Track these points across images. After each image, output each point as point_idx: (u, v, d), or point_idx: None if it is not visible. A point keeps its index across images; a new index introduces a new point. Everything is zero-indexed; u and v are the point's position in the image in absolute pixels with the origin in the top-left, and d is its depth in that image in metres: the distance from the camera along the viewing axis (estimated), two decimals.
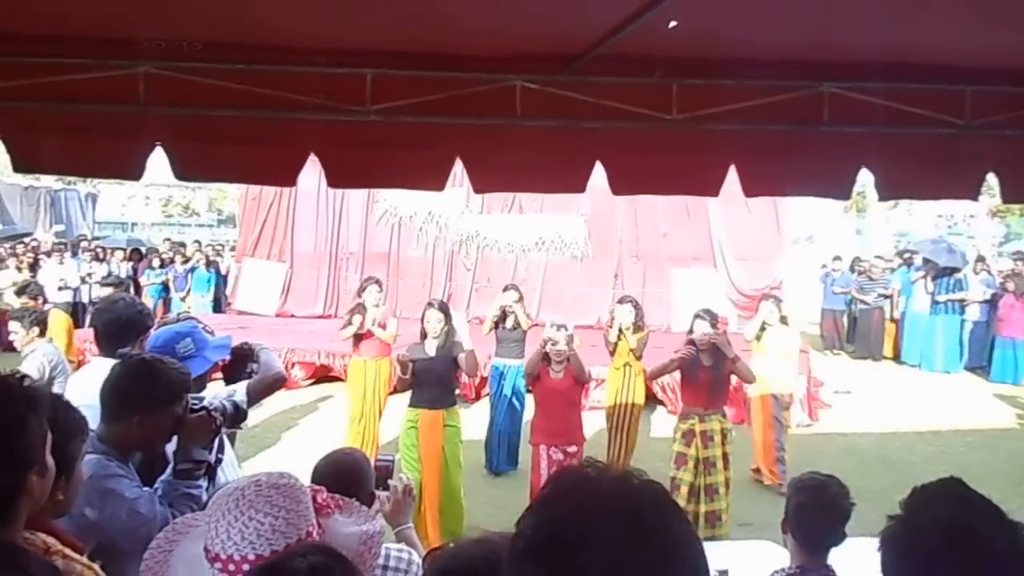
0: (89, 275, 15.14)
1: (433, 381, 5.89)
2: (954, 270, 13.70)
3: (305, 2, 2.98)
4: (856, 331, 14.38)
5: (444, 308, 6.11)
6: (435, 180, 3.74)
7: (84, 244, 18.15)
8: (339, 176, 3.86)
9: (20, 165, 3.83)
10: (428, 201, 14.24)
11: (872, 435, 9.25)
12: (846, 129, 3.65)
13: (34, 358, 5.45)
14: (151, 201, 44.09)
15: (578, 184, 3.67)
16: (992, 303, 13.36)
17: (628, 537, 0.89)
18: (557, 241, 14.07)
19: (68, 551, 1.79)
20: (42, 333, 5.81)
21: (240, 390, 3.13)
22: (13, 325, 5.85)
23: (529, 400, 7.03)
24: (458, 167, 3.80)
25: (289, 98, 3.50)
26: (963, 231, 29.76)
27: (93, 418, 3.14)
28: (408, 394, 6.02)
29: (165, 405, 2.50)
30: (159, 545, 1.68)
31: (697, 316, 6.08)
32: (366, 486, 2.55)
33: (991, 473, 7.54)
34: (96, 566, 1.83)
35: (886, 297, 14.41)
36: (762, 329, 7.21)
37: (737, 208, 13.02)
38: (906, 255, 15.26)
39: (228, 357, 3.42)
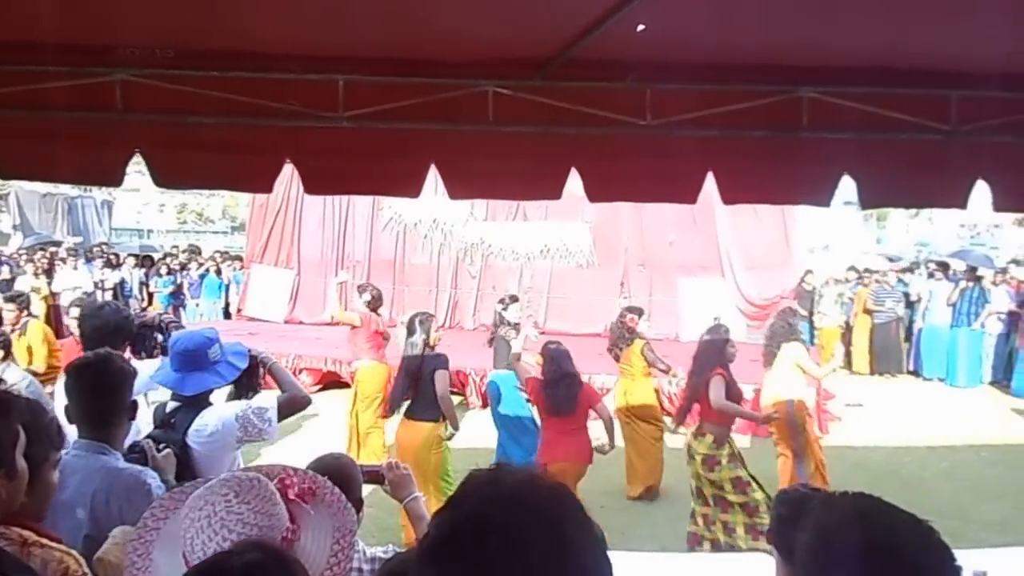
0: (102, 281, 15.36)
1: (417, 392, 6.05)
2: (978, 278, 13.53)
3: (278, 9, 3.01)
4: (872, 344, 14.15)
5: (416, 319, 6.18)
6: (410, 187, 3.75)
7: (97, 251, 18.43)
8: (315, 183, 3.88)
9: (3, 172, 3.90)
10: (433, 208, 14.33)
11: (884, 449, 9.17)
12: (826, 135, 3.62)
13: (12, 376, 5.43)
14: (166, 208, 44.66)
15: (554, 191, 3.67)
16: (1012, 316, 13.18)
17: (523, 537, 0.91)
18: (562, 249, 14.10)
19: (46, 541, 1.83)
20: (5, 357, 5.74)
21: (272, 407, 3.22)
22: None
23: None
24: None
25: (264, 105, 3.52)
26: (986, 241, 29.40)
27: None
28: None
29: (113, 390, 2.68)
30: (136, 545, 1.69)
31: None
32: (354, 491, 2.58)
33: (1005, 489, 7.46)
34: (75, 553, 1.86)
35: (907, 306, 14.17)
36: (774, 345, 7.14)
37: (745, 216, 13.00)
38: (930, 266, 15.03)
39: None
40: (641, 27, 3.02)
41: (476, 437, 7.24)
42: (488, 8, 3.00)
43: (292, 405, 3.39)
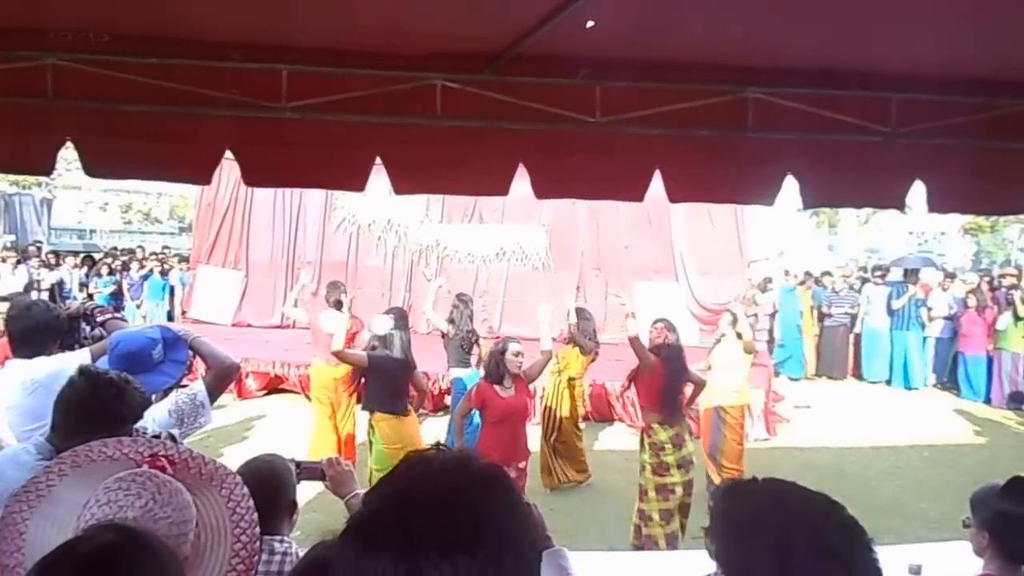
0: (38, 282, 14.90)
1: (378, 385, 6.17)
2: (917, 282, 13.92)
3: None
4: (819, 348, 14.45)
5: (391, 313, 6.30)
6: (355, 180, 3.71)
7: (32, 250, 17.89)
8: (255, 175, 3.81)
9: None
10: (387, 209, 14.22)
11: (830, 450, 9.36)
12: (771, 135, 3.67)
13: None
14: (110, 207, 43.59)
15: (501, 186, 3.66)
16: (954, 319, 13.56)
17: (444, 513, 0.92)
18: (518, 252, 14.10)
19: None
20: None
21: (200, 389, 3.14)
22: None
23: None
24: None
25: (203, 94, 3.44)
26: (933, 248, 30.20)
27: (12, 421, 3.14)
28: None
29: (126, 425, 2.52)
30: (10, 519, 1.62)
31: None
32: (287, 494, 2.54)
33: (944, 487, 7.64)
34: None
35: (851, 315, 14.48)
36: (717, 342, 7.32)
37: (700, 221, 13.17)
38: (877, 272, 15.38)
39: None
40: (591, 23, 3.03)
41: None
42: (438, 1, 2.98)
43: (221, 379, 3.29)
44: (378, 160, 3.64)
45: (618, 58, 3.48)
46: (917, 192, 3.94)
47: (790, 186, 3.83)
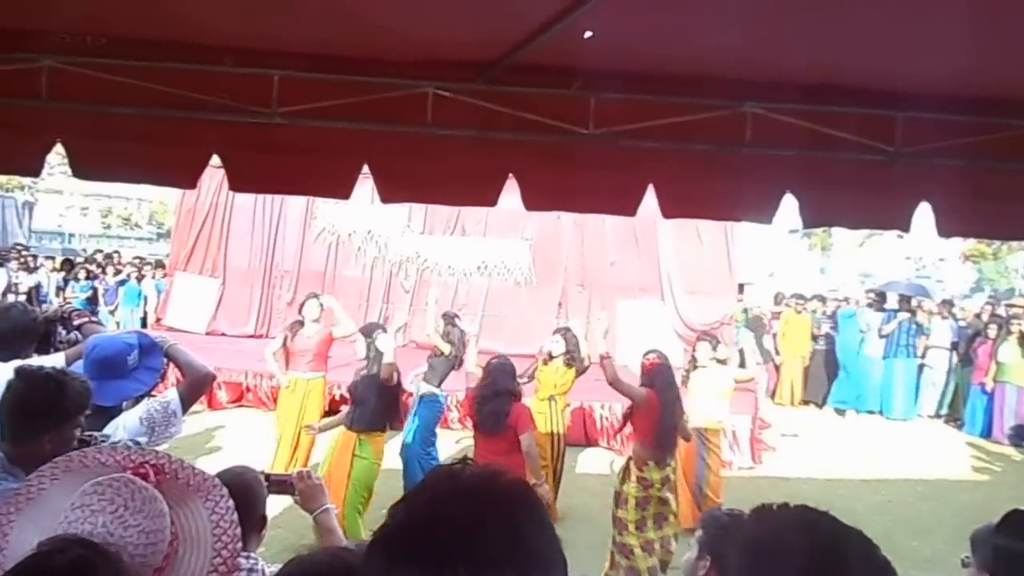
0: (16, 285, 14.81)
1: (356, 402, 6.08)
2: (912, 309, 13.97)
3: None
4: (806, 373, 14.47)
5: (368, 331, 6.23)
6: (341, 188, 3.74)
7: (13, 253, 17.78)
8: (242, 180, 3.86)
9: None
10: (368, 219, 14.21)
11: (817, 481, 9.33)
12: (769, 152, 3.72)
13: None
14: (90, 212, 43.68)
15: (490, 197, 3.69)
16: (956, 349, 13.58)
17: (473, 529, 0.93)
18: (500, 266, 14.10)
19: None
20: None
21: (173, 398, 3.13)
22: None
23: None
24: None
25: (193, 97, 3.50)
26: (932, 274, 30.48)
27: None
28: None
29: (73, 418, 2.57)
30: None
31: None
32: (257, 507, 2.54)
33: (938, 524, 7.67)
34: None
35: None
36: (693, 369, 7.33)
37: (688, 239, 13.23)
38: (871, 295, 15.47)
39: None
40: (588, 34, 3.08)
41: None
42: (431, 8, 3.02)
43: (195, 388, 3.31)
44: (363, 169, 3.66)
45: (614, 70, 3.53)
46: (920, 215, 3.96)
47: (788, 204, 3.86)
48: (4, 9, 3.14)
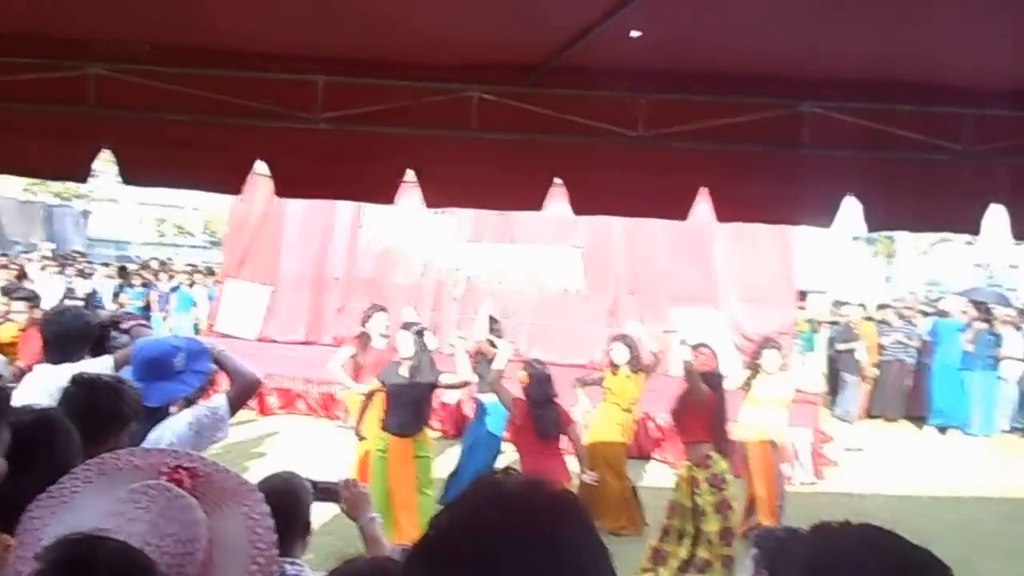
0: (72, 290, 15.32)
1: (404, 405, 6.04)
2: (989, 319, 13.54)
3: (258, 6, 3.04)
4: (877, 386, 14.10)
5: (418, 332, 6.23)
6: (385, 193, 3.77)
7: (70, 260, 18.43)
8: (287, 185, 3.92)
9: None
10: (416, 227, 14.30)
11: (882, 498, 9.02)
12: (828, 153, 3.63)
13: None
14: (145, 220, 45.14)
15: (535, 202, 3.67)
16: None
17: (517, 540, 0.92)
18: (550, 274, 14.05)
19: None
20: None
21: (222, 404, 3.20)
22: None
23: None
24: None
25: (238, 103, 3.57)
26: (1003, 282, 29.52)
27: None
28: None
29: (129, 424, 2.65)
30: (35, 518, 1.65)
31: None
32: (302, 515, 2.56)
33: (1018, 546, 7.36)
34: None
35: (909, 348, 14.16)
36: (753, 377, 7.19)
37: (744, 245, 12.99)
38: (938, 301, 15.05)
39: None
40: (635, 33, 3.04)
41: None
42: (476, 11, 3.03)
43: (243, 394, 3.37)
44: (410, 177, 3.67)
45: (663, 70, 3.49)
46: (991, 218, 3.82)
47: (848, 208, 3.76)
48: (54, 18, 3.23)
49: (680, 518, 5.75)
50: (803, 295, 15.14)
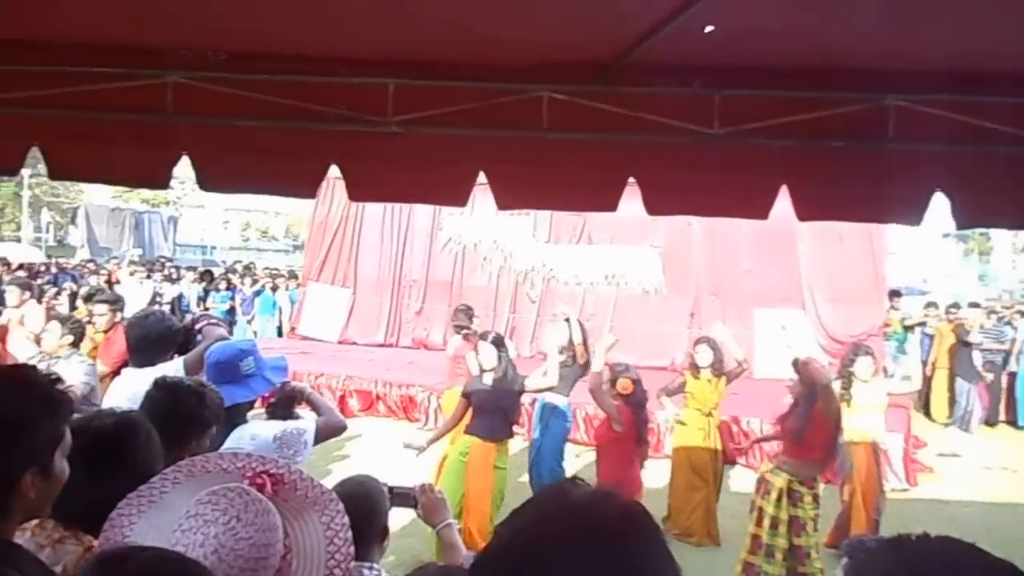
0: (160, 295, 15.94)
1: (492, 411, 6.08)
2: None
3: (329, 13, 3.07)
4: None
5: (497, 340, 6.29)
6: (457, 195, 3.77)
7: (157, 264, 19.19)
8: (360, 189, 3.93)
9: (54, 173, 4.12)
10: (493, 229, 14.38)
11: (979, 505, 8.75)
12: (915, 147, 3.47)
13: (74, 368, 5.64)
14: (230, 225, 46.70)
15: (609, 202, 3.61)
16: None
17: (581, 550, 0.91)
18: (628, 275, 13.93)
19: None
20: (75, 344, 6.00)
21: (310, 429, 3.29)
22: (52, 324, 6.11)
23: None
24: None
25: (311, 108, 3.60)
26: None
27: None
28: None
29: (210, 428, 2.73)
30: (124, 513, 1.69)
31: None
32: (379, 519, 2.57)
33: None
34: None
35: (1000, 350, 13.53)
36: (847, 386, 6.97)
37: (830, 244, 12.64)
38: None
39: (275, 391, 3.65)
40: (710, 28, 2.96)
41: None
42: (546, 10, 2.99)
43: (329, 430, 3.47)
44: (485, 179, 3.66)
45: (739, 65, 3.38)
46: None
47: (938, 205, 3.59)
48: (133, 28, 3.31)
49: (771, 532, 5.54)
50: (896, 295, 14.61)
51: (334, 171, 3.79)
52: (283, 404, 3.70)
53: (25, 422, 1.65)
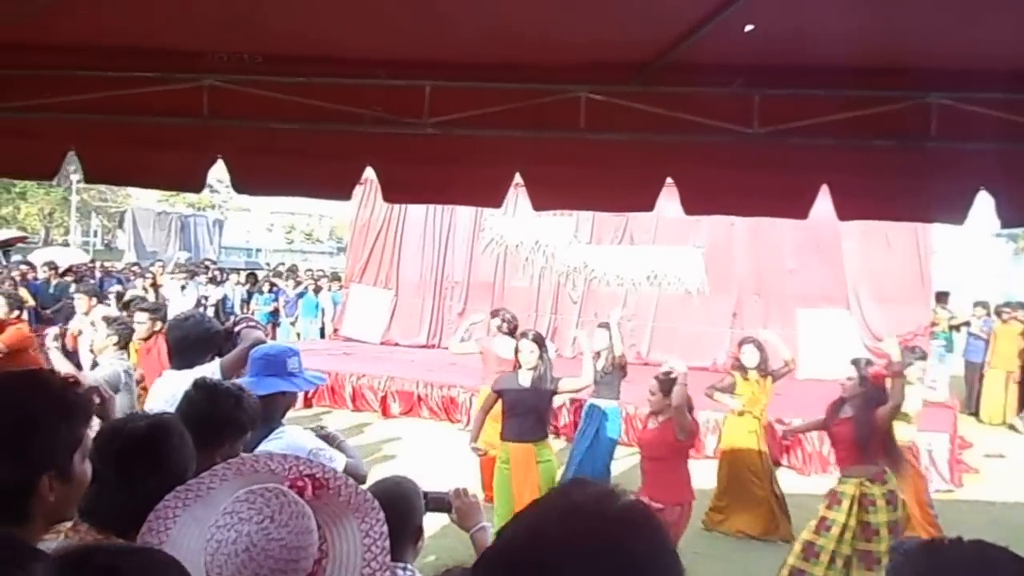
0: (205, 297, 16.21)
1: (525, 413, 6.03)
2: None
3: (364, 14, 3.08)
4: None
5: (538, 339, 6.23)
6: (493, 196, 3.77)
7: (202, 267, 19.50)
8: (395, 191, 3.94)
9: (91, 176, 4.17)
10: (535, 230, 14.39)
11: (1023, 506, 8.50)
12: (959, 146, 3.40)
13: (110, 366, 5.74)
14: (275, 228, 47.28)
15: (646, 202, 3.59)
16: None
17: (578, 551, 0.91)
18: (671, 275, 13.83)
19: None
20: (122, 346, 6.11)
21: (339, 463, 3.30)
22: (99, 323, 6.25)
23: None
24: None
25: (348, 111, 3.61)
26: None
27: None
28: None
29: (247, 432, 2.76)
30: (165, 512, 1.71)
31: None
32: (414, 520, 2.58)
33: None
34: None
35: None
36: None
37: (876, 244, 12.43)
38: None
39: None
40: (750, 27, 2.93)
41: None
42: (583, 10, 2.97)
43: (352, 473, 3.47)
44: (514, 177, 3.66)
45: (778, 64, 3.34)
46: None
47: (983, 203, 3.52)
48: (168, 32, 3.33)
49: (835, 540, 5.38)
50: (944, 295, 14.31)
51: (370, 173, 3.81)
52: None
53: (38, 425, 1.65)
